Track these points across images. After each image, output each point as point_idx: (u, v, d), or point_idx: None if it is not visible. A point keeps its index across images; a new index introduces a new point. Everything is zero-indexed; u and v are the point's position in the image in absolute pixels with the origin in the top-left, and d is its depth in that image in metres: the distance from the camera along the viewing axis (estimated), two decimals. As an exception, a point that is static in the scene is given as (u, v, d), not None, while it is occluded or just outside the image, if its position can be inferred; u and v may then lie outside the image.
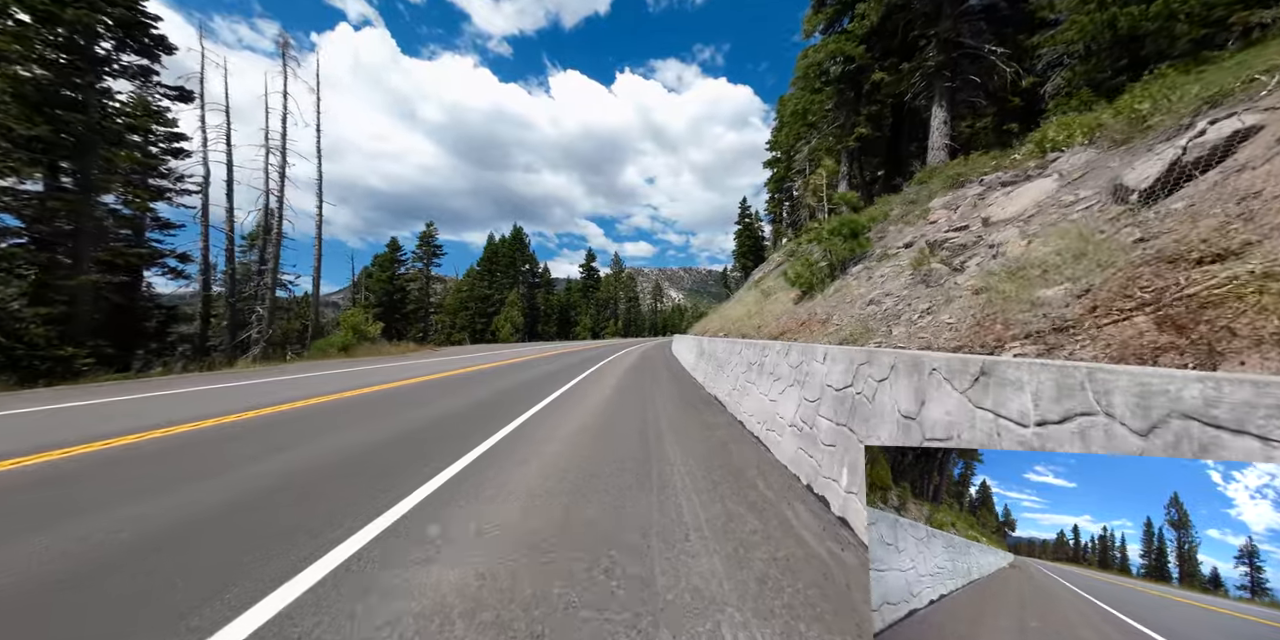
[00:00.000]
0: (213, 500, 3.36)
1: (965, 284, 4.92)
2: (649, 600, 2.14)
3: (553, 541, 2.72)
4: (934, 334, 4.34)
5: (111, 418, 6.40)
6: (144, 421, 6.02)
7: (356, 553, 2.58)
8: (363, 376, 11.56)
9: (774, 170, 50.56)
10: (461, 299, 60.15)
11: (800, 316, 8.45)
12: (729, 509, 3.24)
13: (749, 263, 63.54)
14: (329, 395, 8.38)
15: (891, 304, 5.81)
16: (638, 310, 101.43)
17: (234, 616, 2.02)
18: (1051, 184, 5.83)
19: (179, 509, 3.19)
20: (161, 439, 5.12)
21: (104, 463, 4.24)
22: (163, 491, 3.51)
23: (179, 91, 17.49)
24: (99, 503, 3.30)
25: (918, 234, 8.09)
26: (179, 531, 2.85)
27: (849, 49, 16.08)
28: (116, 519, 3.01)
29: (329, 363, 16.98)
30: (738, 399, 6.41)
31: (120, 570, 2.40)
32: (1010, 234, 5.18)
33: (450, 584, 2.28)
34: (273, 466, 4.17)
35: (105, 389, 9.82)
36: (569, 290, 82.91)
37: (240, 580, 2.29)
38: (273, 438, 5.25)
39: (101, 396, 8.54)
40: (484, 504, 3.36)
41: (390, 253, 49.81)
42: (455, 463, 4.34)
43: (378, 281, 48.00)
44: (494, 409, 7.14)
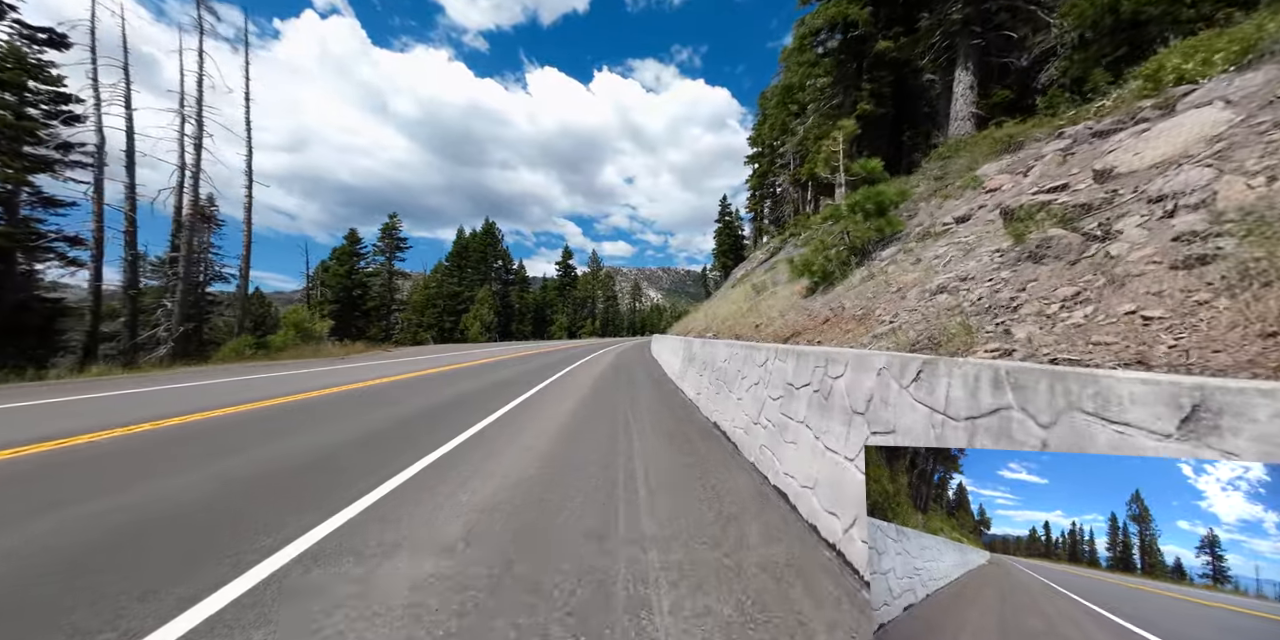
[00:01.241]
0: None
1: (1139, 255, 2.91)
2: None
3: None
4: (1128, 336, 2.29)
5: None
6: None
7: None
8: (236, 391, 9.07)
9: (755, 167, 48.97)
10: (429, 296, 56.78)
11: (818, 313, 6.39)
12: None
13: (729, 262, 62.13)
14: (146, 423, 5.92)
15: (984, 292, 3.78)
16: (616, 309, 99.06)
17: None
18: (1220, 113, 3.89)
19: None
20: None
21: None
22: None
23: (49, 36, 14.43)
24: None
25: (973, 205, 6.13)
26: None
27: (853, 12, 14.21)
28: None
29: (234, 368, 14.26)
30: (767, 443, 4.08)
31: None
32: (1197, 177, 3.19)
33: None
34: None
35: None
36: (545, 288, 80.00)
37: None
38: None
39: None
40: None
41: (349, 245, 46.24)
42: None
43: (334, 276, 44.44)
44: (370, 453, 4.86)
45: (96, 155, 16.56)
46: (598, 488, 3.66)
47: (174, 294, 17.42)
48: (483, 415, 6.37)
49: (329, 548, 2.63)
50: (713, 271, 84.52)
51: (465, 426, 5.82)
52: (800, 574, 2.41)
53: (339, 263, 45.60)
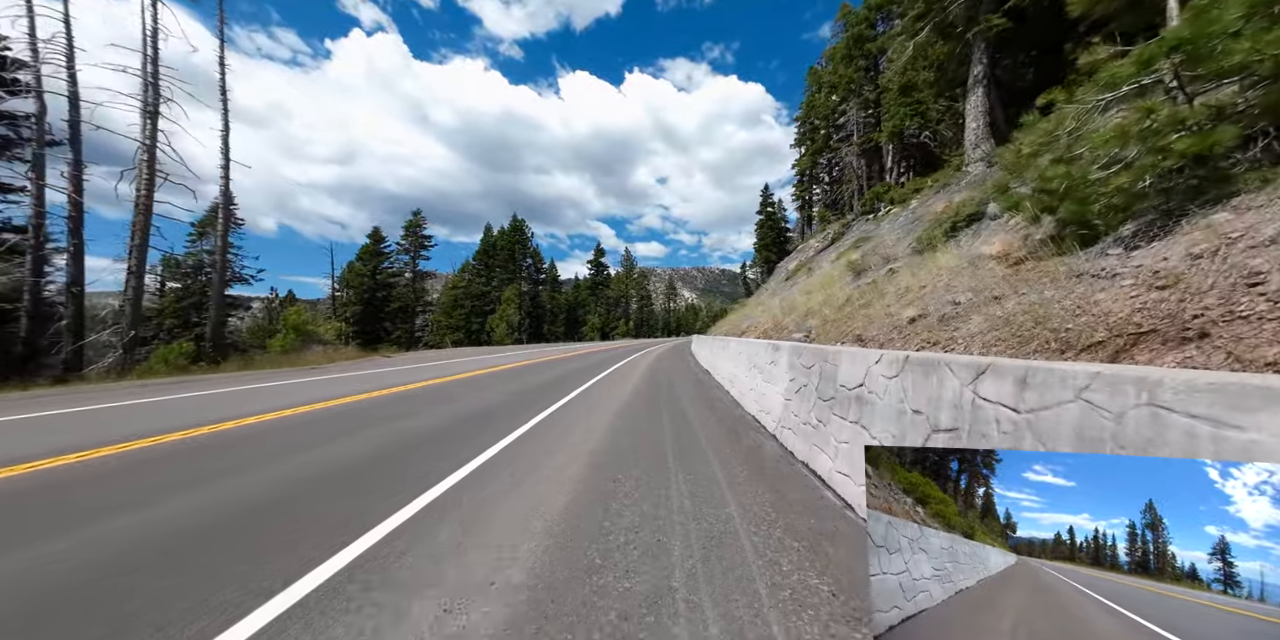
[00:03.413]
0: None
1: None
2: None
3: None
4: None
5: None
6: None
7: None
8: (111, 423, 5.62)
9: (804, 148, 43.96)
10: (455, 296, 54.48)
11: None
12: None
13: (772, 256, 57.41)
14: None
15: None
16: (650, 309, 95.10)
17: None
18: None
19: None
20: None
21: None
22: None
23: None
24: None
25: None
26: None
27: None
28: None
29: (153, 385, 11.11)
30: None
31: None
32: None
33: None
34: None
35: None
36: (577, 288, 76.94)
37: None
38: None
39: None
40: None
41: (372, 244, 44.20)
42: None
43: (357, 276, 42.43)
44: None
45: (36, 126, 13.93)
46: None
47: (128, 293, 14.64)
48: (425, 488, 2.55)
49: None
50: (752, 267, 79.14)
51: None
52: None
53: (362, 263, 43.63)
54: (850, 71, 24.16)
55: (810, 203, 50.22)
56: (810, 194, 50.00)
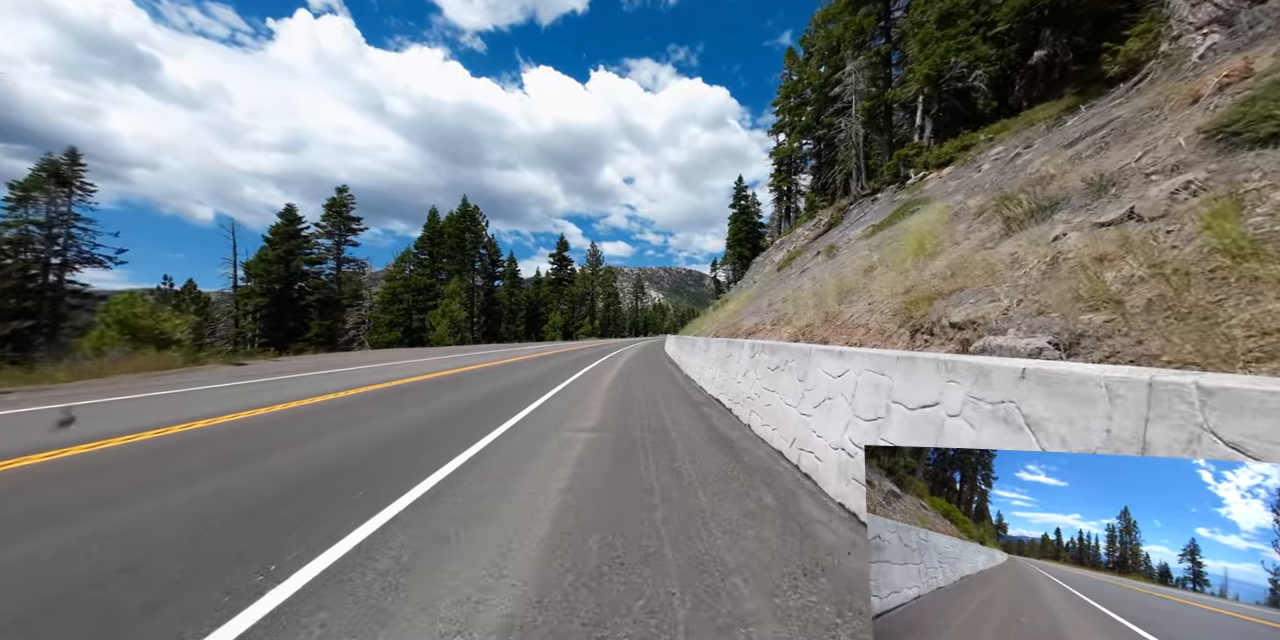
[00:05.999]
0: None
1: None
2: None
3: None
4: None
5: None
6: None
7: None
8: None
9: (783, 134, 40.00)
10: (394, 289, 47.63)
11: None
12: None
13: (745, 251, 53.56)
14: None
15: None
16: (617, 308, 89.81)
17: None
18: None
19: None
20: None
21: None
22: None
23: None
24: None
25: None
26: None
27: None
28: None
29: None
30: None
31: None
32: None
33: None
34: None
35: None
36: (538, 284, 70.83)
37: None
38: None
39: None
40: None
41: (285, 225, 37.01)
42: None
43: (262, 263, 35.20)
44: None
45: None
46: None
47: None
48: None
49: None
50: (723, 265, 74.89)
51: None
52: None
53: (272, 247, 36.43)
54: (860, 18, 19.92)
55: (790, 193, 46.44)
56: (791, 184, 46.22)
